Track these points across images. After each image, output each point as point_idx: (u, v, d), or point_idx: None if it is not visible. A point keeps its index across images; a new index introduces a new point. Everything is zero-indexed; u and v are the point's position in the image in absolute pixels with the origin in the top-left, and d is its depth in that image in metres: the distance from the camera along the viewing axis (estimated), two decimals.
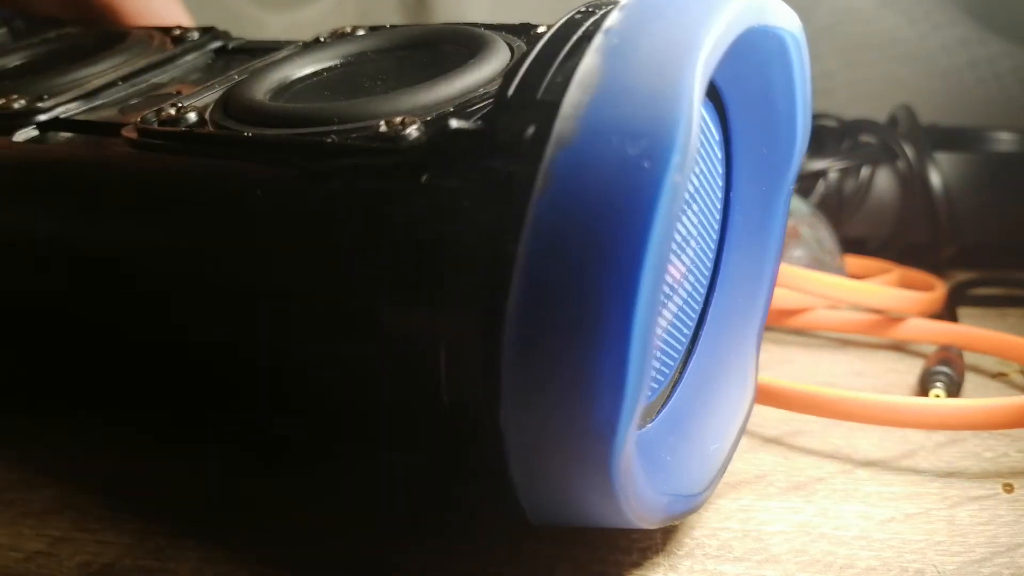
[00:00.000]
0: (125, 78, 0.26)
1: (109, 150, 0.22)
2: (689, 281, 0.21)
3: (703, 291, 0.22)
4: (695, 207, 0.20)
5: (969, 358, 0.31)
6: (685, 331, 0.22)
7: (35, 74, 0.27)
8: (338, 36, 0.25)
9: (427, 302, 0.16)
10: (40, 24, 0.34)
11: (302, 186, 0.18)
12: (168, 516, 0.22)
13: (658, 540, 0.21)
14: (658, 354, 0.20)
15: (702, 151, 0.20)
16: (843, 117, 0.45)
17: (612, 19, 0.17)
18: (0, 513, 0.22)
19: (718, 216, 0.22)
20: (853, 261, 0.40)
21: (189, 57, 0.28)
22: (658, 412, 0.21)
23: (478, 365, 0.16)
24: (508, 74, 0.17)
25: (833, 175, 0.43)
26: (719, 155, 0.21)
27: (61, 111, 0.24)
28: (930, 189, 0.42)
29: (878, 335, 0.34)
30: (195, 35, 0.29)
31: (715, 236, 0.22)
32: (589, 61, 0.16)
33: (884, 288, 0.34)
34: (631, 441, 0.16)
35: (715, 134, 0.21)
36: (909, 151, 0.43)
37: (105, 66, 0.27)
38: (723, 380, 0.22)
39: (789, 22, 0.20)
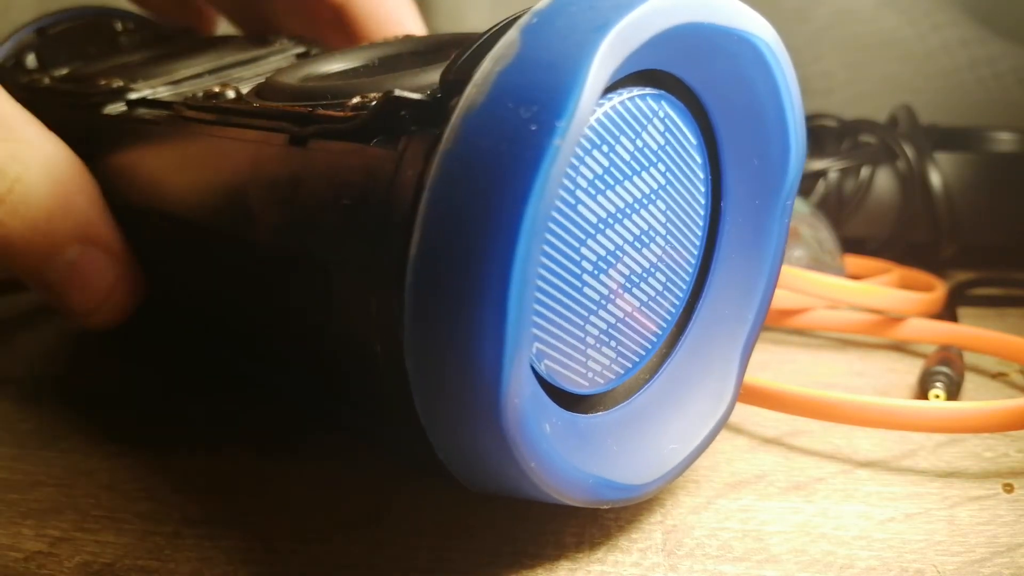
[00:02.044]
0: (212, 71, 0.30)
1: (162, 119, 0.26)
2: (657, 280, 0.21)
3: (683, 296, 0.22)
4: (660, 205, 0.21)
5: (969, 358, 0.31)
6: (657, 332, 0.22)
7: (143, 66, 0.31)
8: (377, 43, 0.28)
9: (364, 255, 0.18)
10: (169, 30, 0.39)
11: (284, 150, 0.21)
12: (168, 516, 0.22)
13: (658, 540, 0.21)
14: (614, 346, 0.21)
15: (668, 152, 0.20)
16: (843, 117, 0.46)
17: (541, 3, 0.18)
18: (0, 513, 0.22)
19: (701, 222, 0.22)
20: (853, 261, 0.40)
21: (273, 58, 0.31)
22: (618, 404, 0.22)
23: (399, 316, 0.17)
24: (457, 54, 0.18)
25: (833, 175, 0.43)
26: (698, 160, 0.21)
27: (149, 92, 0.28)
28: (930, 189, 0.42)
29: (878, 335, 0.34)
30: (284, 42, 0.33)
31: (698, 243, 0.22)
32: (508, 36, 0.17)
33: (884, 288, 0.34)
34: (519, 396, 0.16)
35: (691, 139, 0.21)
36: (909, 151, 0.43)
37: (198, 60, 0.30)
38: (698, 387, 0.22)
39: (760, 29, 0.20)
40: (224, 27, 0.42)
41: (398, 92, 0.18)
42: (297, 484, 0.23)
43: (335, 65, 0.26)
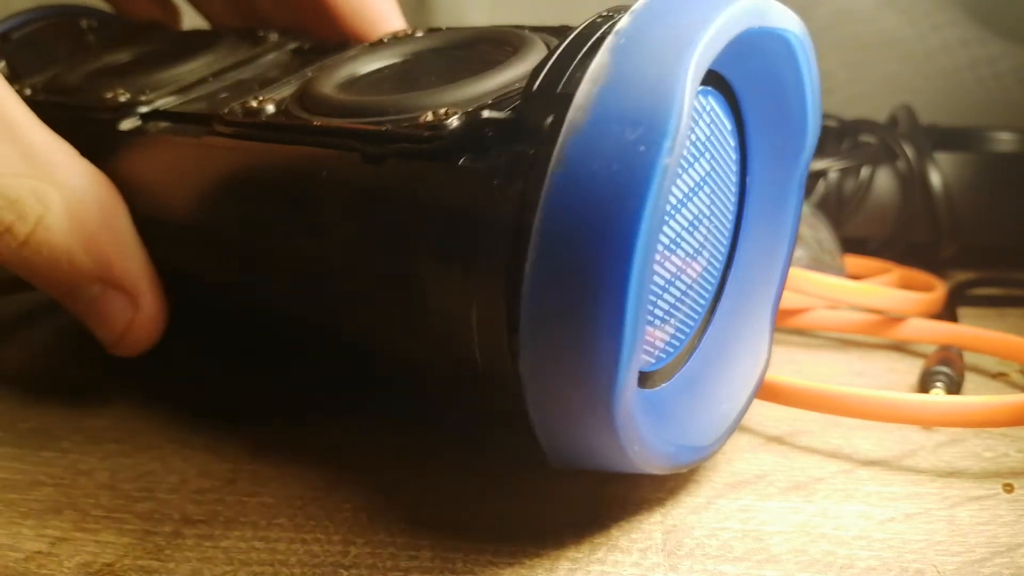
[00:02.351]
0: (214, 74, 0.30)
1: (202, 137, 0.26)
2: (704, 257, 0.23)
3: (720, 267, 0.24)
4: (706, 190, 0.22)
5: (969, 358, 0.31)
6: (702, 303, 0.24)
7: (137, 71, 0.31)
8: (398, 38, 0.28)
9: (461, 269, 0.19)
10: (137, 25, 0.38)
11: (360, 168, 0.21)
12: (168, 516, 0.22)
13: (658, 540, 0.21)
14: (674, 322, 0.22)
15: (712, 140, 0.22)
16: (843, 117, 0.45)
17: (622, 22, 0.19)
18: (0, 513, 0.22)
19: (734, 198, 0.24)
20: (853, 261, 0.40)
21: (270, 56, 0.31)
22: (674, 375, 0.23)
23: (502, 324, 0.18)
24: (535, 70, 0.19)
25: (833, 175, 0.43)
26: (732, 144, 0.23)
27: (160, 104, 0.28)
28: (930, 189, 0.42)
29: (878, 335, 0.34)
30: (275, 36, 0.32)
31: (731, 216, 0.24)
32: (600, 58, 0.18)
33: (884, 288, 0.34)
34: (630, 391, 0.18)
35: (727, 125, 0.23)
36: (909, 151, 0.43)
37: (197, 64, 0.30)
38: (737, 348, 0.24)
39: (792, 24, 0.21)
40: (190, 19, 0.42)
41: (487, 113, 0.19)
42: (297, 484, 0.23)
43: (363, 67, 0.26)
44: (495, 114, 0.19)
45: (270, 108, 0.24)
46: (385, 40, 0.28)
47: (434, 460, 0.24)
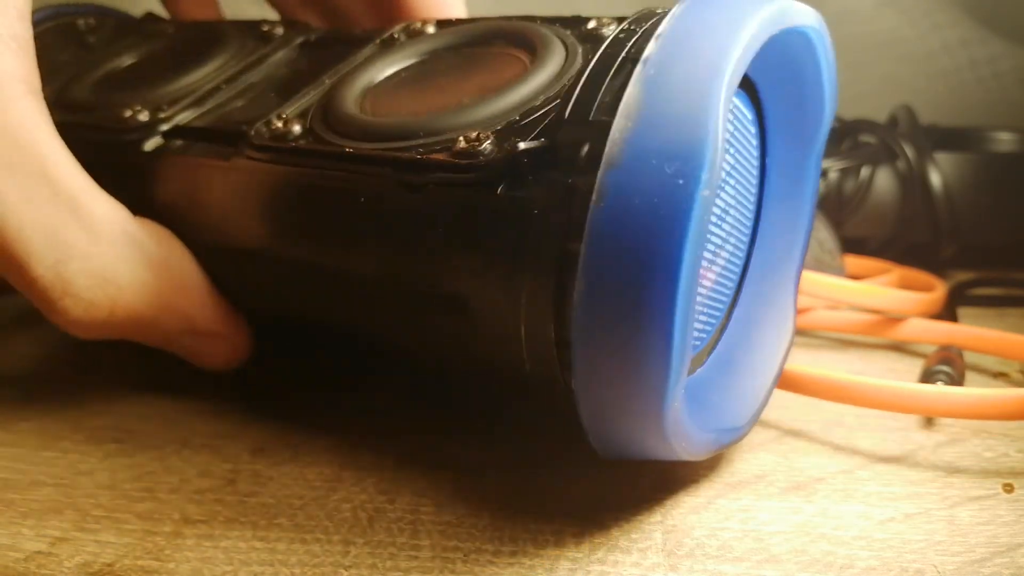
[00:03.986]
0: (227, 80, 0.30)
1: (232, 159, 0.26)
2: (731, 243, 0.23)
3: (745, 246, 0.25)
4: (731, 182, 0.22)
5: (969, 358, 0.31)
6: (730, 284, 0.25)
7: (147, 80, 0.31)
8: (411, 33, 0.28)
9: (507, 290, 0.20)
10: (132, 21, 0.38)
11: (399, 194, 0.22)
12: (168, 516, 0.22)
13: (658, 540, 0.21)
14: (705, 310, 0.23)
15: (736, 135, 0.22)
16: (843, 117, 0.45)
17: (649, 49, 0.19)
18: (0, 513, 0.22)
19: (755, 181, 0.24)
20: (853, 261, 0.40)
21: (279, 54, 0.31)
22: (708, 356, 0.24)
23: (551, 342, 0.19)
24: (565, 94, 0.20)
25: (833, 175, 0.43)
26: (753, 131, 0.24)
27: (179, 119, 0.28)
28: (930, 189, 0.42)
29: (878, 335, 0.34)
30: (280, 30, 0.32)
31: (753, 198, 0.25)
32: (631, 91, 0.19)
33: (884, 288, 0.34)
34: (679, 399, 0.19)
35: (747, 115, 0.23)
36: (909, 151, 0.43)
37: (208, 70, 0.30)
38: (765, 322, 0.25)
39: (810, 19, 0.22)
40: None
41: (523, 145, 0.20)
42: (297, 484, 0.23)
43: (380, 72, 0.26)
44: (531, 144, 0.20)
45: (296, 128, 0.25)
46: (396, 35, 0.28)
47: (434, 460, 0.24)
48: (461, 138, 0.21)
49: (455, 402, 0.28)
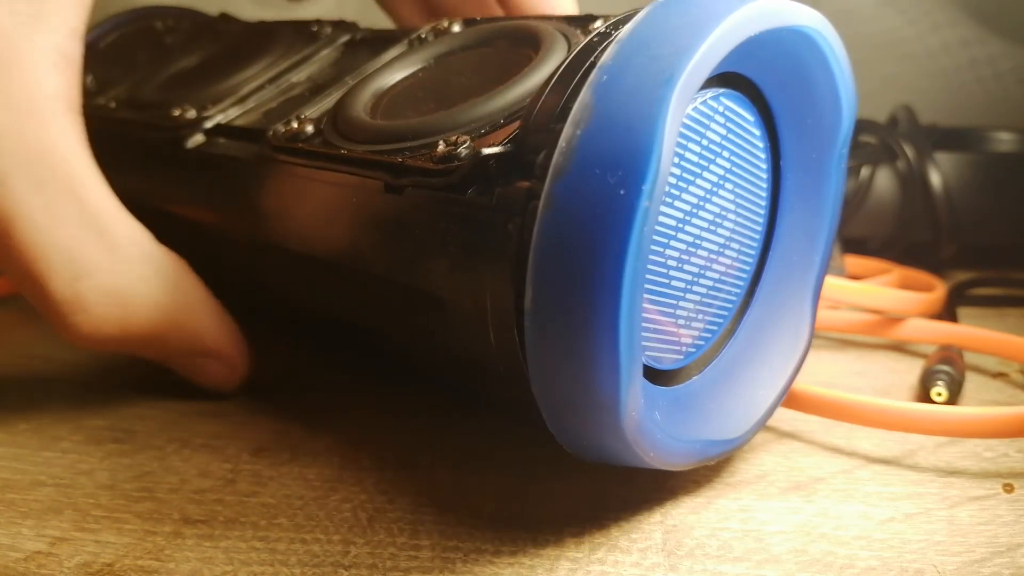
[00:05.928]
0: (271, 79, 0.31)
1: (253, 157, 0.27)
2: (732, 249, 0.23)
3: (755, 253, 0.24)
4: (728, 185, 0.22)
5: (969, 358, 0.31)
6: (736, 291, 0.24)
7: (201, 80, 0.32)
8: (437, 32, 0.29)
9: (474, 294, 0.20)
10: (206, 21, 0.39)
11: (383, 196, 0.22)
12: (168, 516, 0.22)
13: (658, 540, 0.21)
14: (701, 316, 0.23)
15: (729, 137, 0.22)
16: None
17: (607, 55, 0.19)
18: (0, 513, 0.22)
19: (765, 184, 0.24)
20: (853, 261, 0.40)
21: (323, 53, 0.32)
22: (709, 363, 0.24)
23: (516, 346, 0.19)
24: (534, 99, 0.20)
25: None
26: (756, 133, 0.23)
27: (221, 118, 0.29)
28: (930, 189, 0.42)
29: (878, 335, 0.34)
30: (328, 29, 0.33)
31: (764, 202, 0.24)
32: (582, 98, 0.18)
33: (884, 288, 0.34)
34: (634, 407, 0.18)
35: (748, 116, 0.23)
36: (909, 151, 0.43)
37: (255, 69, 0.31)
38: (778, 331, 0.24)
39: (809, 19, 0.21)
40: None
41: (486, 151, 0.20)
42: (297, 484, 0.23)
43: (390, 78, 0.27)
44: (494, 150, 0.20)
45: (309, 129, 0.25)
46: (424, 35, 0.29)
47: (434, 460, 0.24)
48: (442, 142, 0.21)
49: (455, 402, 0.28)
